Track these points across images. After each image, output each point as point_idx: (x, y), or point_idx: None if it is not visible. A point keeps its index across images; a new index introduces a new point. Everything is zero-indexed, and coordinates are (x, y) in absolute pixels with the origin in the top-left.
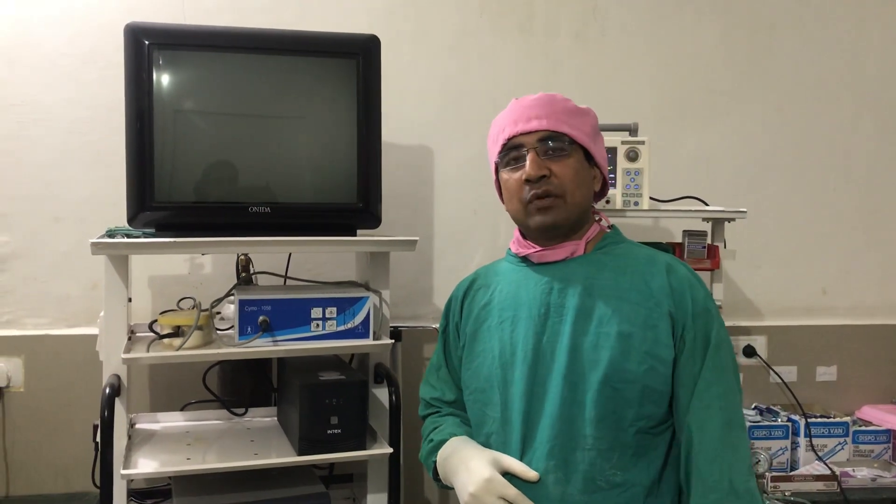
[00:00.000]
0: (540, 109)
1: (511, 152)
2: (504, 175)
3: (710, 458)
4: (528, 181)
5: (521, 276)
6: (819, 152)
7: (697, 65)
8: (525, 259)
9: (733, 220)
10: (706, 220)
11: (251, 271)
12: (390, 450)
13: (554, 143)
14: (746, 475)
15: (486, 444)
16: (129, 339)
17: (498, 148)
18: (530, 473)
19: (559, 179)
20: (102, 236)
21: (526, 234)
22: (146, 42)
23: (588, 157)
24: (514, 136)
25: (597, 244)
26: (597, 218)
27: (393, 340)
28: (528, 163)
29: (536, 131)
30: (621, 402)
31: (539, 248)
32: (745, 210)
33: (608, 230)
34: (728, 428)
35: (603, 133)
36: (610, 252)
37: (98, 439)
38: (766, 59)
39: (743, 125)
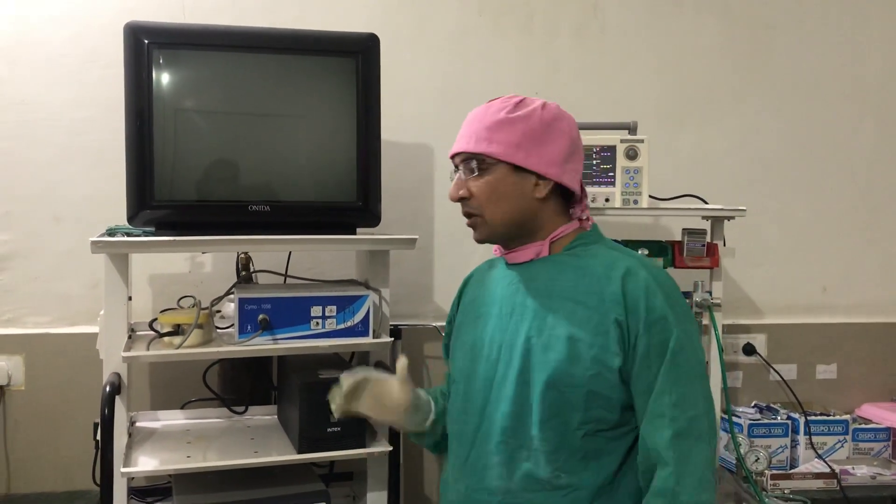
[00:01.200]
0: (467, 128)
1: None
2: None
3: (662, 467)
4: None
5: (500, 275)
6: (819, 150)
7: (697, 63)
8: None
9: (733, 218)
10: (705, 218)
11: (251, 270)
12: (390, 448)
13: (472, 164)
14: (695, 488)
15: (451, 432)
16: (130, 337)
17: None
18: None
19: (476, 200)
20: (102, 235)
21: None
22: (146, 41)
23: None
24: (452, 157)
25: (567, 244)
26: (582, 217)
27: (393, 339)
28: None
29: (459, 153)
30: (566, 405)
31: (507, 251)
32: (744, 208)
33: (587, 230)
34: (678, 438)
35: (602, 132)
36: (578, 253)
37: (98, 437)
38: (766, 58)
39: (743, 123)
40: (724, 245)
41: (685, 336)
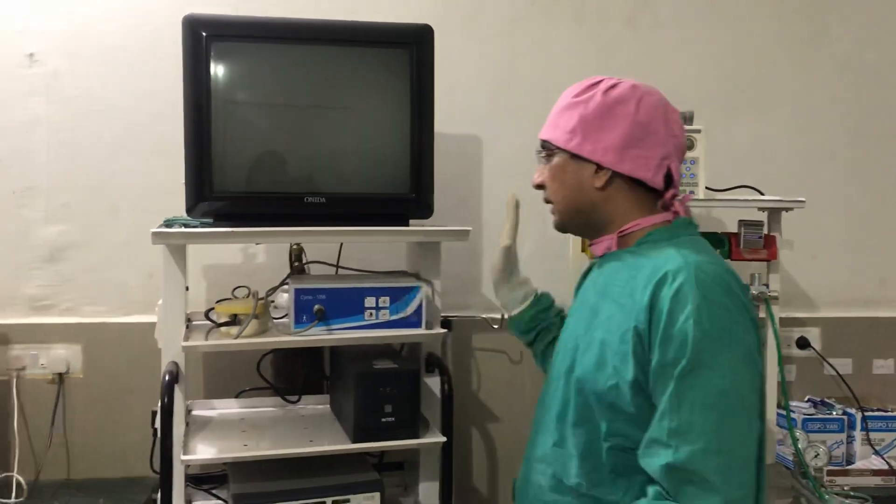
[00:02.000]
0: (550, 115)
1: None
2: None
3: (654, 495)
4: None
5: (595, 268)
6: (877, 140)
7: (752, 51)
8: None
9: (791, 209)
10: (762, 209)
11: (304, 261)
12: (444, 439)
13: (544, 150)
14: None
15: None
16: (187, 327)
17: None
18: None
19: (547, 186)
20: (161, 226)
21: None
22: (204, 34)
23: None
24: None
25: (639, 240)
26: (670, 209)
27: (445, 330)
28: None
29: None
30: (593, 413)
31: (590, 243)
32: (803, 200)
33: (666, 225)
34: (670, 472)
35: None
36: (640, 252)
37: (157, 425)
38: (823, 45)
39: (799, 113)
40: (782, 237)
41: (708, 356)
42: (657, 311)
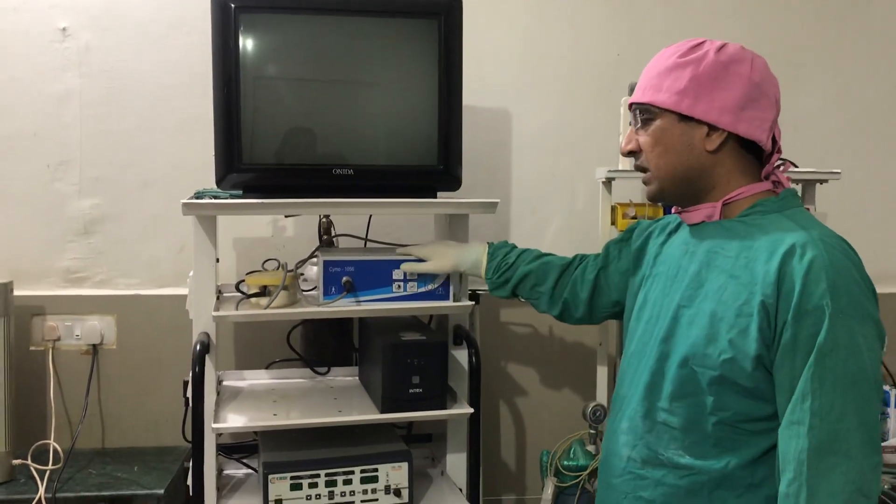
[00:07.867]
0: (642, 77)
1: None
2: None
3: (790, 481)
4: None
5: (681, 234)
6: None
7: (787, 21)
8: None
9: (826, 181)
10: (796, 181)
11: (332, 234)
12: (471, 410)
13: (640, 115)
14: None
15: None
16: (217, 298)
17: None
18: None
19: (643, 152)
20: (191, 198)
21: None
22: (233, 5)
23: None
24: (630, 107)
25: (745, 209)
26: (770, 179)
27: (473, 303)
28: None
29: (631, 104)
30: (699, 386)
31: (680, 210)
32: (839, 171)
33: (774, 195)
34: (820, 453)
35: None
36: (751, 222)
37: (189, 395)
38: (858, 14)
39: (834, 83)
40: (815, 210)
41: (844, 333)
42: (787, 285)
